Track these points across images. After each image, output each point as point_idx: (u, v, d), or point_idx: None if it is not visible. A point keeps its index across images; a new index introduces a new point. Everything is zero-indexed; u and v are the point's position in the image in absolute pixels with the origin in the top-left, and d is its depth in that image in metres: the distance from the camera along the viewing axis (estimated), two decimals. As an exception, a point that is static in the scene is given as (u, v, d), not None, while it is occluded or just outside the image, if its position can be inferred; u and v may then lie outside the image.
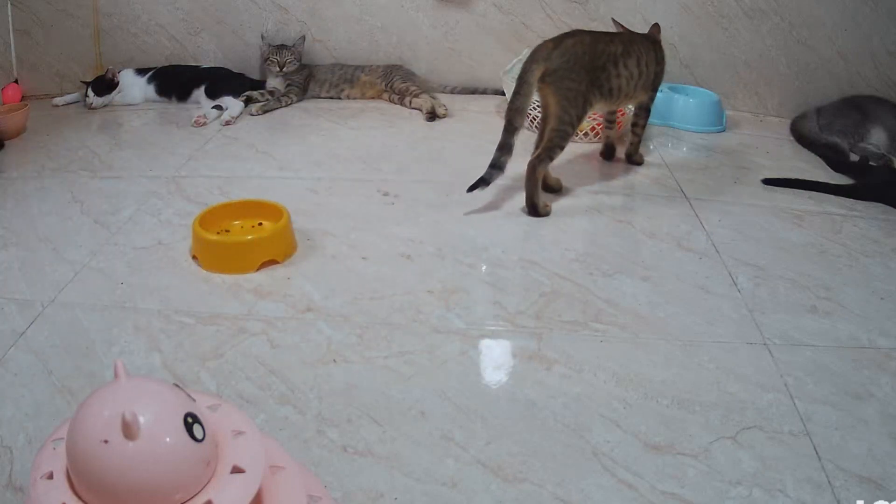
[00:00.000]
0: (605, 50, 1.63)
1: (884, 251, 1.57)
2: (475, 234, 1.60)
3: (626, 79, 1.65)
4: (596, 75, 1.61)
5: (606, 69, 1.62)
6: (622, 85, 1.65)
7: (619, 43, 1.66)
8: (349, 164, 1.99)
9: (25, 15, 2.56)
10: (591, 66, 1.60)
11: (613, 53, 1.64)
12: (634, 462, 0.99)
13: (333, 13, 2.55)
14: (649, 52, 1.72)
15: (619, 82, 1.64)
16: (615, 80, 1.63)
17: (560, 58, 1.59)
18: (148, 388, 0.62)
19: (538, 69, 1.58)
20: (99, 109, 2.45)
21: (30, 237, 1.59)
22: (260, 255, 1.45)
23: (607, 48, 1.63)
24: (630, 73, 1.66)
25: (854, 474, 0.97)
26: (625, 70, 1.64)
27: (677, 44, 2.43)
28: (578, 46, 1.61)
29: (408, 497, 0.94)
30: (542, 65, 1.59)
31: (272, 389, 1.12)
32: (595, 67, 1.60)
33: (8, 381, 1.14)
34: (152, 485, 0.57)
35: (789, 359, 1.20)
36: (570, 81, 1.58)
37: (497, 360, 1.23)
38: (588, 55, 1.60)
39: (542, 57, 1.59)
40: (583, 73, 1.59)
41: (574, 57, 1.59)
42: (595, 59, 1.61)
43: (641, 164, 1.97)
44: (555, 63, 1.58)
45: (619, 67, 1.63)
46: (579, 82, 1.59)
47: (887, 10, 2.26)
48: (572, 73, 1.58)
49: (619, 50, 1.65)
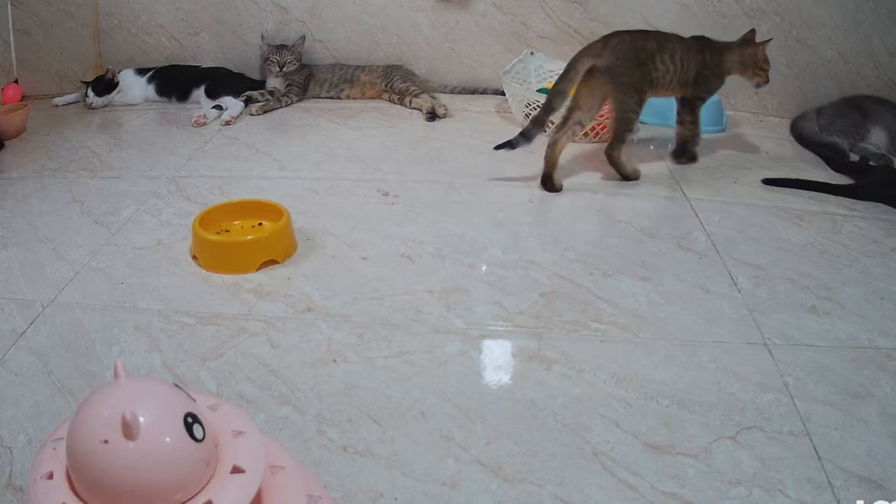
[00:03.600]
0: (643, 46, 1.78)
1: (884, 251, 1.57)
2: (475, 234, 1.60)
3: (662, 72, 1.80)
4: (642, 69, 1.78)
5: (646, 63, 1.78)
6: (659, 77, 1.80)
7: (654, 40, 1.81)
8: (349, 164, 1.99)
9: (25, 15, 2.56)
10: (637, 61, 1.77)
11: (650, 49, 1.79)
12: (634, 462, 0.99)
13: (333, 13, 2.55)
14: (689, 51, 1.83)
15: (656, 74, 1.80)
16: (654, 72, 1.79)
17: (611, 55, 1.76)
18: (148, 388, 0.62)
19: (588, 62, 1.76)
20: (99, 109, 2.45)
21: (30, 237, 1.59)
22: (260, 255, 1.45)
23: (645, 44, 1.79)
24: (666, 68, 1.80)
25: (854, 474, 0.97)
26: (661, 64, 1.79)
27: (677, 44, 2.43)
28: (623, 45, 1.77)
29: (408, 497, 0.94)
30: (593, 60, 1.76)
31: (272, 389, 1.12)
32: (639, 62, 1.77)
33: (8, 381, 1.14)
34: (152, 485, 0.57)
35: (789, 359, 1.20)
36: (623, 76, 1.77)
37: (497, 360, 1.23)
38: (632, 51, 1.77)
39: (593, 53, 1.77)
40: (633, 67, 1.77)
41: (622, 54, 1.76)
42: (638, 55, 1.77)
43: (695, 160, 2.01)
44: (607, 60, 1.75)
45: (655, 62, 1.79)
46: (631, 75, 1.77)
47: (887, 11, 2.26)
48: (624, 68, 1.76)
49: (653, 46, 1.79)
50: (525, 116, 2.26)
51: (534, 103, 2.20)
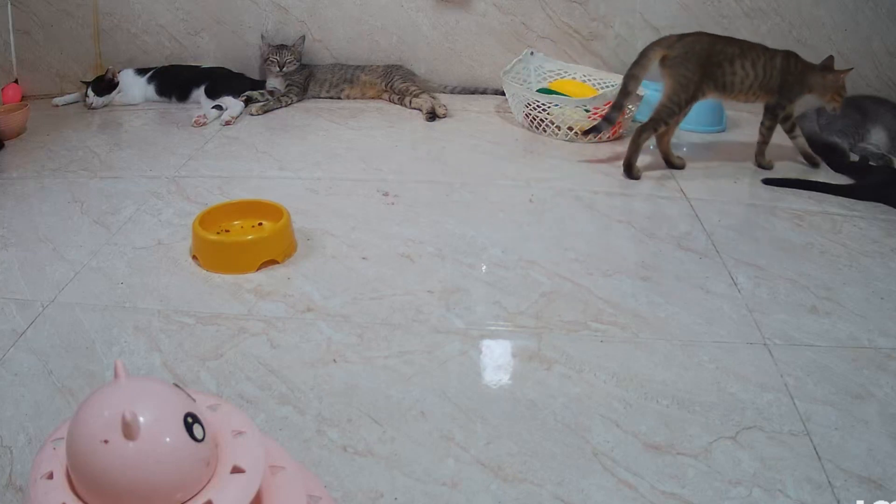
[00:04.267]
0: (722, 49, 1.84)
1: (884, 251, 1.57)
2: (475, 234, 1.60)
3: (740, 77, 1.84)
4: (711, 70, 1.83)
5: (722, 66, 1.83)
6: (736, 82, 1.85)
7: (737, 46, 1.86)
8: (349, 164, 1.99)
9: (25, 15, 2.56)
10: (707, 62, 1.83)
11: (730, 53, 1.84)
12: (634, 462, 0.99)
13: (333, 13, 2.56)
14: (773, 60, 1.86)
15: (733, 79, 1.85)
16: (730, 76, 1.84)
17: (680, 49, 1.84)
18: (148, 388, 0.62)
19: (660, 51, 1.86)
20: (99, 109, 2.45)
21: (30, 237, 1.59)
22: (260, 255, 1.45)
23: (725, 48, 1.84)
24: (745, 73, 1.84)
25: (854, 474, 0.97)
26: (740, 69, 1.84)
27: (677, 44, 2.43)
28: (697, 44, 1.84)
29: (408, 497, 0.94)
30: (664, 50, 1.85)
31: (272, 389, 1.12)
32: (711, 63, 1.83)
33: (8, 381, 1.14)
34: (152, 485, 0.57)
35: (789, 359, 1.20)
36: (684, 70, 1.83)
37: (497, 360, 1.23)
38: (705, 52, 1.83)
39: (666, 44, 1.86)
40: (697, 65, 1.83)
41: (691, 51, 1.83)
42: (711, 56, 1.83)
43: (770, 167, 2.00)
44: (675, 52, 1.85)
45: (734, 66, 1.83)
46: (692, 72, 1.83)
47: (887, 11, 2.26)
48: (688, 63, 1.83)
49: (735, 51, 1.84)
50: (525, 116, 2.26)
51: (534, 103, 2.20)
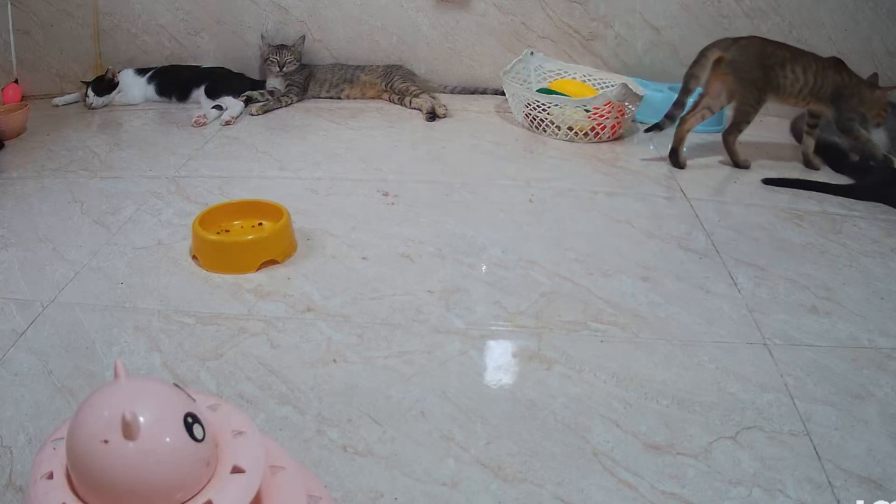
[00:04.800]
0: (773, 52, 1.89)
1: (884, 251, 1.57)
2: (475, 234, 1.60)
3: (791, 80, 1.89)
4: (766, 72, 1.89)
5: (774, 69, 1.88)
6: (788, 85, 1.89)
7: (788, 51, 1.90)
8: (349, 164, 1.99)
9: (25, 15, 2.56)
10: (762, 64, 1.88)
11: (781, 57, 1.89)
12: (634, 462, 0.99)
13: (333, 13, 2.56)
14: (826, 70, 1.89)
15: (784, 82, 1.89)
16: (782, 79, 1.89)
17: (737, 51, 1.89)
18: (148, 388, 0.62)
19: (717, 53, 1.91)
20: (99, 109, 2.45)
21: (30, 237, 1.59)
22: (260, 255, 1.45)
23: (776, 52, 1.89)
24: (796, 77, 1.88)
25: (854, 474, 0.97)
26: (791, 74, 1.88)
27: (677, 44, 2.43)
28: (751, 46, 1.90)
29: (408, 497, 0.94)
30: (721, 52, 1.90)
31: (272, 389, 1.12)
32: (765, 66, 1.88)
33: (8, 381, 1.14)
34: (152, 485, 0.57)
35: (789, 359, 1.20)
36: (745, 72, 1.89)
37: (497, 360, 1.23)
38: (758, 54, 1.88)
39: (722, 46, 1.90)
40: (756, 67, 1.88)
41: (748, 53, 1.89)
42: (765, 59, 1.88)
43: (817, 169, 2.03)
44: (732, 55, 1.89)
45: (785, 70, 1.88)
46: (752, 74, 1.89)
47: (887, 11, 2.26)
48: (747, 66, 1.89)
49: (785, 55, 1.89)
50: (525, 116, 2.26)
51: (534, 103, 2.20)
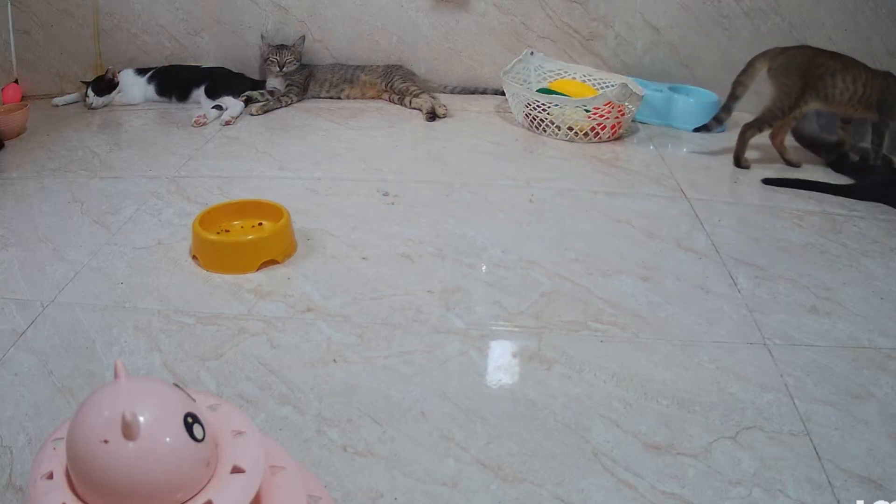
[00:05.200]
0: (823, 63, 1.94)
1: (884, 251, 1.57)
2: (475, 234, 1.60)
3: (840, 90, 1.93)
4: (813, 81, 1.94)
5: (824, 78, 1.93)
6: (836, 94, 1.94)
7: (839, 61, 1.95)
8: (349, 164, 1.99)
9: (25, 15, 2.56)
10: (808, 73, 1.93)
11: (831, 67, 1.93)
12: (634, 462, 0.99)
13: (333, 13, 2.56)
14: (875, 80, 1.93)
15: (833, 91, 1.94)
16: (831, 88, 1.93)
17: (783, 60, 1.97)
18: (148, 388, 0.62)
19: (765, 62, 2.00)
20: (99, 109, 2.45)
21: (30, 237, 1.59)
22: (260, 255, 1.45)
23: (826, 62, 1.94)
24: (845, 86, 1.93)
25: (854, 474, 0.97)
26: (841, 83, 1.93)
27: (677, 44, 2.43)
28: (799, 56, 1.96)
29: (408, 497, 0.94)
30: (769, 62, 1.99)
31: (272, 389, 1.12)
32: (812, 75, 1.93)
33: (8, 381, 1.14)
34: (152, 485, 0.57)
35: (789, 359, 1.20)
36: (785, 79, 1.96)
37: (497, 360, 1.23)
38: (805, 64, 1.94)
39: (770, 56, 2.00)
40: (797, 76, 1.94)
41: (793, 63, 1.96)
42: (813, 68, 1.93)
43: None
44: (777, 63, 1.98)
45: (835, 79, 1.93)
46: (793, 82, 1.95)
47: (887, 11, 2.26)
48: (788, 74, 1.96)
49: (836, 65, 1.94)
50: (525, 116, 2.26)
51: (534, 103, 2.20)
